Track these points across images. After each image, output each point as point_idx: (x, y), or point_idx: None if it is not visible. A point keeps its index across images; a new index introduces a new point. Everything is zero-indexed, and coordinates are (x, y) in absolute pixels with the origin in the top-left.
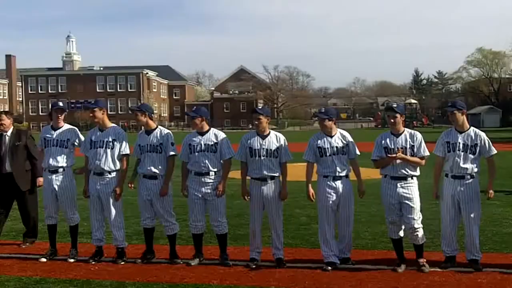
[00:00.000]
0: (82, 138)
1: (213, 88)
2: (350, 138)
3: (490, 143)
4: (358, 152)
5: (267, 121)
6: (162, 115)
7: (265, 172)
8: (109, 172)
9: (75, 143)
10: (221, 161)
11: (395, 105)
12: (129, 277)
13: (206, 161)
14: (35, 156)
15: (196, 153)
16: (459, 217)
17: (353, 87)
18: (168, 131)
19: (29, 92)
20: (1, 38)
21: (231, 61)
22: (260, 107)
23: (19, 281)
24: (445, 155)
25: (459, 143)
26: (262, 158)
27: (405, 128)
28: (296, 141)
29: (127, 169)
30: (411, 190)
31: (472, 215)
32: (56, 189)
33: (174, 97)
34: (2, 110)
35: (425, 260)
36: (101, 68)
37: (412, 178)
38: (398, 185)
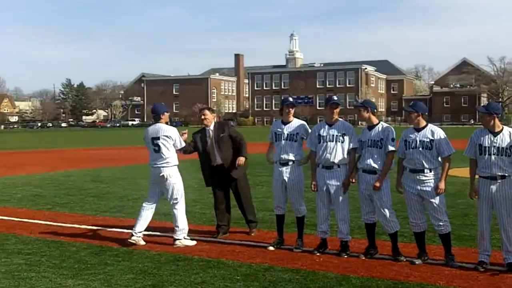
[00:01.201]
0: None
1: (432, 82)
2: None
3: None
4: None
5: (491, 119)
6: (379, 110)
7: (495, 171)
8: (338, 166)
9: (303, 137)
10: (439, 159)
11: None
12: (353, 270)
13: (421, 158)
14: (241, 142)
15: (411, 150)
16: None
17: None
18: (390, 126)
19: (255, 88)
20: (231, 38)
21: (452, 54)
22: (486, 104)
23: (249, 267)
24: None
25: None
26: (492, 156)
27: None
28: None
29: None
30: None
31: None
32: (286, 180)
33: (392, 92)
34: (206, 106)
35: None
36: (321, 65)
37: None
38: None
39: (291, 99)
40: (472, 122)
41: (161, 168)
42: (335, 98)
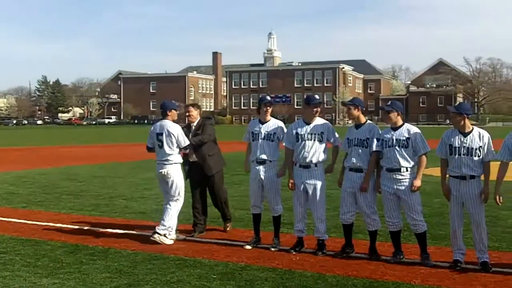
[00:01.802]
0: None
1: (409, 82)
2: None
3: None
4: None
5: (463, 119)
6: None
7: (464, 171)
8: (316, 165)
9: (280, 138)
10: (415, 158)
11: None
12: (329, 269)
13: (398, 156)
14: (203, 140)
15: (388, 148)
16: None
17: None
18: (376, 126)
19: (233, 87)
20: (209, 36)
21: (429, 54)
22: (457, 104)
23: (225, 266)
24: None
25: None
26: (462, 156)
27: None
28: (500, 138)
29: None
30: None
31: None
32: (263, 179)
33: (369, 91)
34: (191, 103)
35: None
36: (299, 64)
37: None
38: None
39: (269, 97)
40: (448, 122)
41: (162, 165)
42: (317, 97)
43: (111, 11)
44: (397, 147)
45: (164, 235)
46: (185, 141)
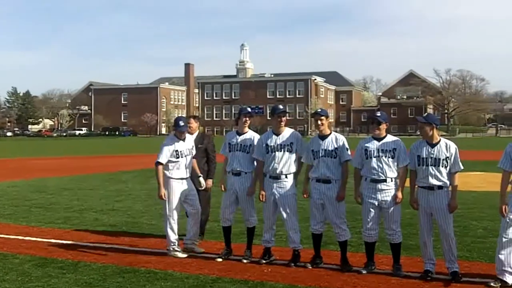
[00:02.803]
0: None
1: (380, 93)
2: None
3: None
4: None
5: (432, 129)
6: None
7: (432, 181)
8: (286, 176)
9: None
10: (396, 168)
11: None
12: (301, 280)
13: (384, 167)
14: (212, 160)
15: (373, 159)
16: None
17: None
18: (342, 136)
19: (205, 98)
20: (181, 47)
21: (399, 66)
22: (425, 115)
23: (197, 278)
24: None
25: None
26: (430, 166)
27: None
28: (469, 149)
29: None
30: None
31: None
32: (238, 191)
33: (341, 103)
34: (192, 114)
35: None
36: (272, 75)
37: None
38: None
39: (249, 109)
40: (418, 133)
41: None
42: (281, 107)
43: (82, 22)
44: (383, 158)
45: (173, 250)
46: (160, 157)
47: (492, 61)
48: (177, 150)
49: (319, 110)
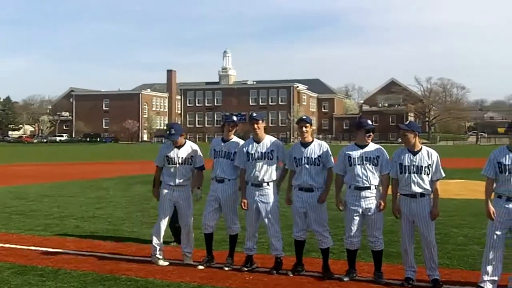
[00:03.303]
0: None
1: (362, 101)
2: None
3: None
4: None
5: (414, 137)
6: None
7: (414, 189)
8: (267, 183)
9: None
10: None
11: None
12: None
13: (368, 174)
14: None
15: (357, 166)
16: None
17: None
18: (325, 142)
19: (187, 105)
20: (164, 53)
21: (381, 74)
22: (407, 123)
23: (178, 286)
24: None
25: None
26: (412, 174)
27: None
28: (450, 157)
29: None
30: None
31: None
32: (220, 197)
33: (323, 110)
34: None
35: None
36: (254, 82)
37: None
38: None
39: (235, 118)
40: (400, 140)
41: None
42: (255, 114)
43: (63, 27)
44: (367, 165)
45: (155, 256)
46: (156, 161)
47: (473, 69)
48: (167, 156)
49: (304, 117)
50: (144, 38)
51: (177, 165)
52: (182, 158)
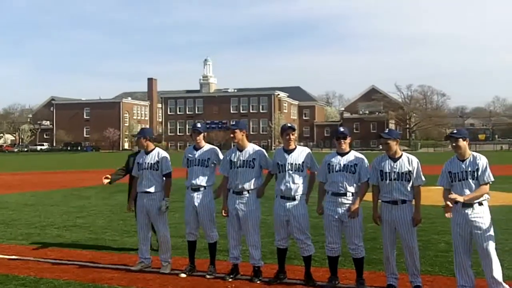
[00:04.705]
0: (222, 157)
1: (343, 109)
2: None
3: None
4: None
5: (396, 144)
6: None
7: (396, 196)
8: (248, 191)
9: (215, 162)
10: (359, 183)
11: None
12: None
13: (344, 181)
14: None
15: (335, 173)
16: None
17: (492, 107)
18: (308, 149)
19: (168, 113)
20: (144, 62)
21: (362, 81)
22: (387, 131)
23: None
24: None
25: None
26: (393, 181)
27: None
28: (430, 164)
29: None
30: None
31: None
32: (197, 206)
33: (304, 118)
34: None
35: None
36: (235, 90)
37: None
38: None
39: (199, 125)
40: (381, 147)
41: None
42: (233, 123)
43: (42, 36)
44: (344, 172)
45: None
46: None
47: (453, 76)
48: (138, 163)
49: (289, 124)
50: (125, 47)
51: (144, 171)
52: (149, 163)
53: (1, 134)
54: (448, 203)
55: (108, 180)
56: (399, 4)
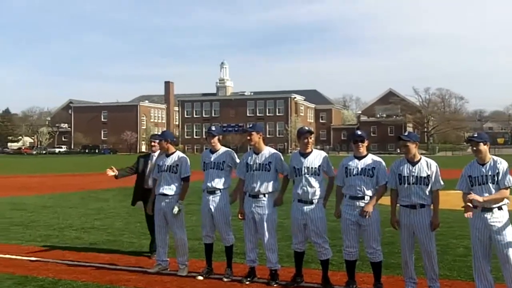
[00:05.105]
0: (238, 160)
1: (360, 112)
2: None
3: None
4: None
5: (415, 147)
6: None
7: (414, 200)
8: (264, 195)
9: (230, 165)
10: (377, 186)
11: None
12: None
13: (362, 184)
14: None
15: (352, 177)
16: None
17: (511, 110)
18: (325, 153)
19: (185, 116)
20: (161, 65)
21: (379, 84)
22: (406, 133)
23: None
24: None
25: None
26: (411, 185)
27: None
28: (449, 168)
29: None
30: None
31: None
32: (212, 209)
33: (321, 121)
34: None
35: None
36: (252, 93)
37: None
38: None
39: (213, 128)
40: (398, 151)
41: None
42: (250, 126)
43: (62, 39)
44: (362, 176)
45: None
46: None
47: (472, 79)
48: (158, 165)
49: (308, 128)
50: (142, 50)
51: (163, 173)
52: (167, 166)
53: (20, 137)
54: (469, 204)
55: (114, 174)
56: (405, 4)
